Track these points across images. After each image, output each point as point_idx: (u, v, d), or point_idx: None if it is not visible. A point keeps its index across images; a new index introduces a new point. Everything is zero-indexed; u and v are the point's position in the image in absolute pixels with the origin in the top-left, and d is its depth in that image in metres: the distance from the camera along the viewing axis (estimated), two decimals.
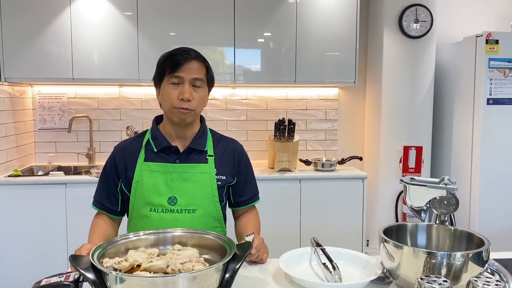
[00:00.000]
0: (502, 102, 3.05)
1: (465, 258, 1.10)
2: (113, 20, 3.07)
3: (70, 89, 3.45)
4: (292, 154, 3.15)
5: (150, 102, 3.51)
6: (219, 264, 1.08)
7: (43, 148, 3.46)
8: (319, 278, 1.32)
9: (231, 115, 3.63)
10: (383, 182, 3.46)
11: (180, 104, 1.48)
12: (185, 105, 1.49)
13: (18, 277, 2.85)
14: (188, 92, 1.48)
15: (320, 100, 3.70)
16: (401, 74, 3.36)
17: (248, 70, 3.24)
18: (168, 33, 3.13)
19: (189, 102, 1.49)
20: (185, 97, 1.47)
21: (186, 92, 1.48)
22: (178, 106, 1.49)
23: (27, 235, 2.86)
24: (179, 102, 1.48)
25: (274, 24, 3.21)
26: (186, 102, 1.48)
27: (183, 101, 1.48)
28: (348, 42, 3.27)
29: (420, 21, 3.27)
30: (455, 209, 1.31)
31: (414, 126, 3.38)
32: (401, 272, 1.17)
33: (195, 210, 1.52)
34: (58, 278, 1.09)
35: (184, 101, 1.48)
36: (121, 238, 1.27)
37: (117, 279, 1.02)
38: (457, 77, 3.30)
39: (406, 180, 1.38)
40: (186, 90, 1.48)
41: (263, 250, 1.46)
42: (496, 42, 3.00)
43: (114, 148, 1.63)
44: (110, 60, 3.09)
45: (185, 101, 1.48)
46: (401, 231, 1.37)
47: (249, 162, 1.70)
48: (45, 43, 3.03)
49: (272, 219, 2.98)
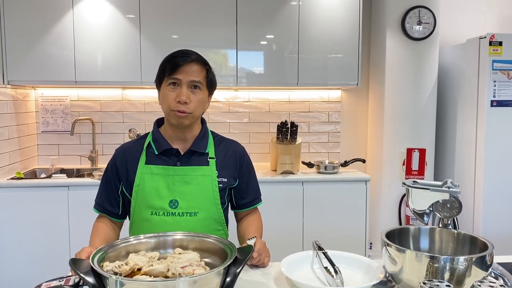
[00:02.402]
0: (506, 104, 3.03)
1: (468, 262, 1.08)
2: (115, 23, 3.08)
3: (73, 91, 3.46)
4: (295, 156, 3.14)
5: (153, 104, 3.51)
6: (220, 268, 1.07)
7: (45, 150, 3.47)
8: (321, 282, 1.31)
9: (234, 117, 3.62)
10: (386, 185, 3.45)
11: (177, 107, 1.48)
12: (182, 108, 1.48)
13: (20, 279, 2.85)
14: (185, 94, 1.47)
15: (323, 102, 3.69)
16: (404, 76, 3.34)
17: (250, 73, 3.24)
18: (171, 35, 3.14)
19: (186, 105, 1.48)
20: (181, 100, 1.47)
21: (183, 95, 1.47)
22: (175, 108, 1.48)
23: (30, 237, 2.86)
24: (176, 104, 1.48)
25: (276, 27, 3.20)
26: (183, 104, 1.48)
27: (179, 103, 1.47)
28: (350, 44, 3.26)
29: (423, 23, 3.26)
30: (458, 212, 1.30)
31: (417, 128, 3.37)
32: (403, 276, 1.16)
33: (196, 213, 1.51)
34: (58, 282, 1.09)
35: (181, 103, 1.47)
36: (121, 242, 1.26)
37: (117, 283, 1.02)
38: (461, 79, 3.28)
39: (408, 183, 1.37)
40: (183, 92, 1.47)
41: (265, 254, 1.45)
42: (500, 44, 2.98)
43: (115, 151, 1.63)
44: (113, 63, 3.10)
45: (181, 104, 1.47)
46: (403, 235, 1.35)
47: (251, 164, 1.70)
48: (48, 46, 3.04)
49: (275, 222, 2.96)
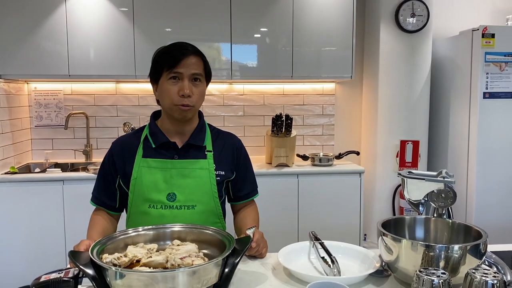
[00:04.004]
0: (498, 96, 3.06)
1: (463, 250, 1.10)
2: (109, 16, 3.05)
3: (66, 85, 3.43)
4: (290, 149, 3.15)
5: (147, 98, 3.50)
6: (219, 259, 1.08)
7: (39, 145, 3.45)
8: (318, 272, 1.32)
9: (228, 110, 3.62)
10: (380, 177, 3.47)
11: (180, 101, 1.48)
12: (186, 102, 1.48)
13: (15, 274, 2.84)
14: (188, 88, 1.47)
15: (317, 95, 3.70)
16: (397, 69, 3.36)
17: (244, 66, 3.23)
18: (164, 29, 3.12)
19: (189, 98, 1.48)
20: (185, 93, 1.47)
21: (186, 88, 1.47)
22: (179, 103, 1.48)
23: (25, 232, 2.85)
24: (179, 98, 1.48)
25: (270, 20, 3.20)
26: (187, 98, 1.48)
27: (183, 97, 1.47)
28: (344, 37, 3.27)
29: (417, 16, 3.27)
30: (453, 202, 1.32)
31: (411, 120, 3.39)
32: (399, 265, 1.18)
33: (194, 206, 1.52)
34: (58, 274, 1.09)
35: (185, 97, 1.47)
36: (120, 234, 1.27)
37: (117, 274, 1.02)
38: (454, 71, 3.30)
39: (404, 173, 1.38)
40: (186, 86, 1.47)
41: (263, 244, 1.46)
42: (492, 36, 3.00)
43: (112, 144, 1.62)
44: (107, 56, 3.08)
45: (185, 97, 1.47)
46: (399, 225, 1.37)
47: (248, 157, 1.70)
48: (40, 39, 3.01)
49: (270, 214, 2.98)
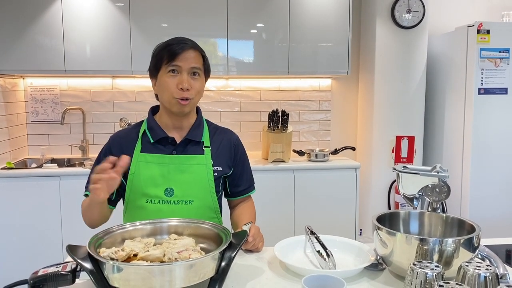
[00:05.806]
0: (493, 92, 3.08)
1: (456, 244, 1.12)
2: (105, 12, 3.04)
3: (63, 81, 3.43)
4: (286, 144, 3.16)
5: (143, 93, 3.50)
6: (215, 253, 1.09)
7: (36, 140, 3.44)
8: (313, 266, 1.34)
9: (225, 106, 3.63)
10: (376, 172, 3.49)
11: (180, 94, 1.48)
12: (185, 95, 1.48)
13: (12, 269, 2.85)
14: (186, 81, 1.47)
15: (313, 91, 3.71)
16: (393, 65, 3.37)
17: (241, 62, 3.24)
18: (161, 24, 3.12)
19: (188, 92, 1.48)
20: (184, 86, 1.47)
21: (184, 81, 1.47)
22: (178, 96, 1.48)
23: (22, 227, 2.86)
24: (178, 92, 1.48)
25: (267, 15, 3.20)
26: (185, 91, 1.48)
27: (182, 90, 1.47)
28: (341, 33, 3.27)
29: (412, 12, 3.28)
30: (447, 196, 1.33)
31: (407, 116, 3.41)
32: (394, 258, 1.19)
33: (191, 201, 1.53)
34: (55, 268, 1.10)
35: (183, 90, 1.47)
36: (117, 228, 1.27)
37: (115, 268, 1.03)
38: (449, 67, 3.32)
39: (398, 168, 1.40)
40: (184, 79, 1.47)
41: (259, 238, 1.47)
42: (487, 32, 3.02)
43: (110, 138, 1.62)
44: (103, 52, 3.08)
45: (184, 91, 1.47)
46: (394, 219, 1.38)
47: (245, 153, 1.71)
48: (36, 34, 3.00)
49: (266, 209, 2.99)
